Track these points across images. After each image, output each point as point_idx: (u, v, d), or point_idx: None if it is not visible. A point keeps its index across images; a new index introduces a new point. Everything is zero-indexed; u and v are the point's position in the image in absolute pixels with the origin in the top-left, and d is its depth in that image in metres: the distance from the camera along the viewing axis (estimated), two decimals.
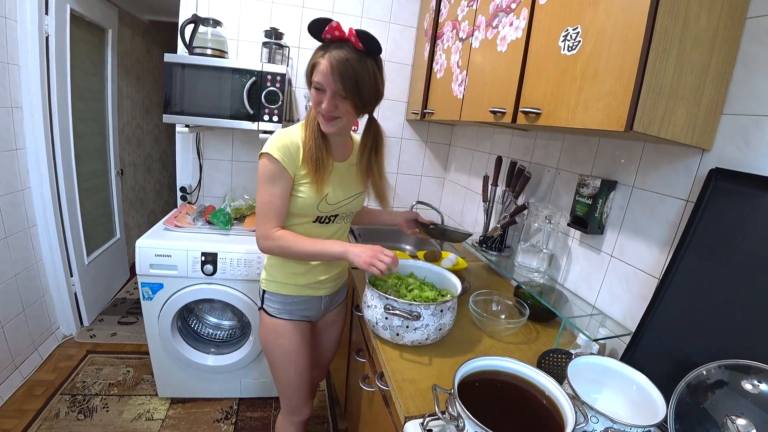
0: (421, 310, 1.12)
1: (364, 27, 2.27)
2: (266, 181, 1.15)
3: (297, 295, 1.32)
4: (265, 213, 1.17)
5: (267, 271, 1.33)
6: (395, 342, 1.18)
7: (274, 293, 1.32)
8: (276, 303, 1.32)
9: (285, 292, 1.31)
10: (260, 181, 1.16)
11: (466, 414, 0.70)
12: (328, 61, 1.02)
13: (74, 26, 2.39)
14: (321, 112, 1.09)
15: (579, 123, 0.95)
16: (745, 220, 0.90)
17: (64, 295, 2.47)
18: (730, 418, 0.77)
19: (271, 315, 1.32)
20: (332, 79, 1.03)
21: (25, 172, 2.16)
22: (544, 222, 1.50)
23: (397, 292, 1.25)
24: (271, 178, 1.14)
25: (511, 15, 1.26)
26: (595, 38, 0.92)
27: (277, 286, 1.31)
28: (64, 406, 1.99)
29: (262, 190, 1.16)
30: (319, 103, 1.08)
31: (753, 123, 0.91)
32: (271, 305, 1.32)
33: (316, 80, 1.06)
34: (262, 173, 1.15)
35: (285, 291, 1.31)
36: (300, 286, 1.32)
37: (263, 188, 1.16)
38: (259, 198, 1.17)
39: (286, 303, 1.32)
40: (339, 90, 1.04)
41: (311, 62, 1.06)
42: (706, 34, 0.87)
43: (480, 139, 2.20)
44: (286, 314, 1.32)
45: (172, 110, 1.79)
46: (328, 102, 1.06)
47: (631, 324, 1.17)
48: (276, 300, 1.32)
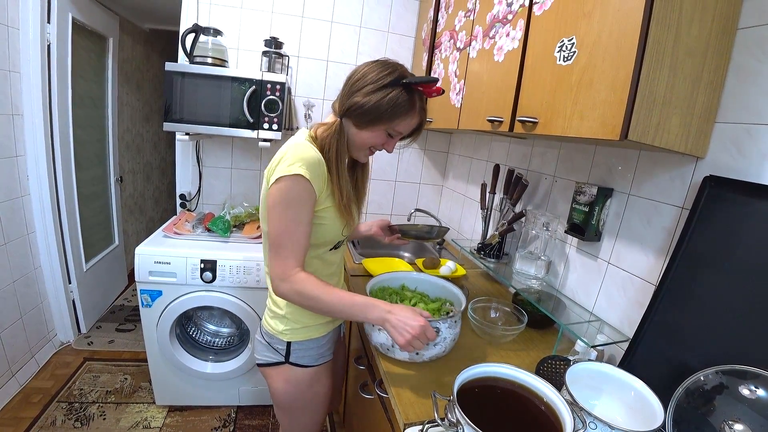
0: (440, 325, 1.08)
1: (362, 36, 2.31)
2: (288, 205, 0.95)
3: (326, 333, 1.19)
4: (284, 245, 0.97)
5: (288, 318, 1.12)
6: (414, 361, 1.11)
7: (303, 341, 1.13)
8: (311, 350, 1.15)
9: (316, 336, 1.15)
10: (278, 205, 0.95)
11: (465, 420, 0.71)
12: (420, 119, 1.05)
13: (76, 34, 2.41)
14: (378, 150, 1.08)
15: (575, 132, 0.96)
16: (739, 227, 0.92)
17: (62, 302, 2.46)
18: (728, 424, 0.78)
19: (306, 366, 1.15)
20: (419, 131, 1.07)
21: (25, 179, 2.17)
22: (541, 229, 1.51)
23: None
24: (296, 202, 0.95)
25: (508, 26, 1.28)
26: (590, 49, 0.94)
27: (308, 332, 1.13)
28: (60, 413, 1.98)
29: (280, 217, 0.96)
30: (382, 144, 1.05)
31: (745, 131, 0.93)
32: (303, 355, 1.14)
33: (398, 130, 1.02)
34: (284, 195, 0.95)
35: (315, 334, 1.15)
36: (326, 323, 1.17)
37: (283, 214, 0.96)
38: (279, 227, 0.97)
39: (318, 347, 1.16)
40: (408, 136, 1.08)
41: (392, 109, 0.97)
42: (698, 45, 0.89)
43: (478, 147, 2.22)
44: (323, 358, 1.18)
45: (172, 118, 1.80)
46: (394, 145, 1.08)
47: (628, 330, 1.18)
48: (307, 347, 1.14)
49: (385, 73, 0.97)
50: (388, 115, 0.98)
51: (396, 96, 0.96)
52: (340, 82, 2.43)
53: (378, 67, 0.98)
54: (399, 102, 0.97)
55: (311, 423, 1.25)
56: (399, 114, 0.99)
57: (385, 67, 0.98)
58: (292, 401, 1.18)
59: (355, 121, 1.00)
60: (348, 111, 0.99)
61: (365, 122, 0.99)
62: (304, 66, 2.28)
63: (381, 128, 1.00)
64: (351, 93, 0.99)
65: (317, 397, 1.21)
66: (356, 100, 0.97)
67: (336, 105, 1.04)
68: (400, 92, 0.97)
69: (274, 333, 1.13)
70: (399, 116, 0.99)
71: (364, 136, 1.02)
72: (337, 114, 1.03)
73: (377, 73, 0.97)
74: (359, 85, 0.98)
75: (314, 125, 1.09)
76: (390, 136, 1.04)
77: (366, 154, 1.09)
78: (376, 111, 0.97)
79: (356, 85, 0.98)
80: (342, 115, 1.01)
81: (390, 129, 1.01)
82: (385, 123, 0.99)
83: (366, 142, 1.04)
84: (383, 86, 0.96)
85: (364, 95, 0.96)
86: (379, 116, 0.98)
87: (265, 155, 2.36)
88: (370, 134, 1.01)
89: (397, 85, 0.97)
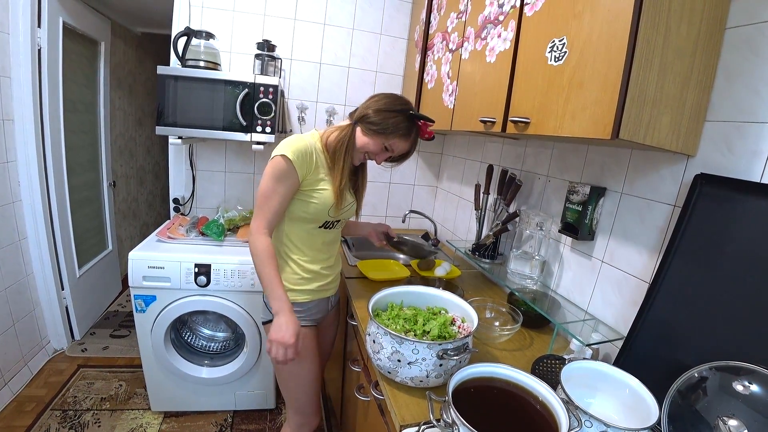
0: (469, 340, 1.06)
1: (355, 39, 2.32)
2: (273, 177, 1.20)
3: (310, 300, 1.36)
4: (260, 206, 1.22)
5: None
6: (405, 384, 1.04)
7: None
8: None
9: (301, 299, 1.34)
10: (266, 175, 1.21)
11: (460, 420, 0.71)
12: (410, 147, 1.32)
13: (67, 39, 2.39)
14: (370, 158, 1.33)
15: (567, 132, 0.97)
16: (730, 224, 0.93)
17: (54, 309, 2.44)
18: (722, 420, 0.78)
19: None
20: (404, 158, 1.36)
21: (17, 185, 2.15)
22: (535, 229, 1.51)
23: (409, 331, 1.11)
24: (279, 177, 1.20)
25: (499, 27, 1.28)
26: (580, 49, 0.94)
27: (291, 295, 1.31)
28: (54, 422, 1.96)
29: (266, 184, 1.21)
30: (376, 153, 1.29)
31: (735, 129, 0.94)
32: None
33: (392, 146, 1.27)
34: (272, 169, 1.20)
35: (300, 298, 1.33)
36: (312, 290, 1.35)
37: (268, 182, 1.21)
38: (261, 190, 1.22)
39: (302, 311, 1.34)
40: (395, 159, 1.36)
41: (393, 128, 1.23)
42: (687, 44, 0.90)
43: (471, 148, 2.22)
44: (304, 321, 1.34)
45: (165, 122, 1.79)
46: (383, 159, 1.34)
47: (623, 328, 1.18)
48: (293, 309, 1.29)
49: (397, 103, 1.25)
50: (389, 132, 1.24)
51: (400, 120, 1.24)
52: (333, 85, 2.45)
53: (394, 97, 1.27)
54: (400, 125, 1.24)
55: (299, 387, 1.39)
56: (397, 134, 1.24)
57: (398, 99, 1.27)
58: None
59: (364, 128, 1.26)
60: (361, 119, 1.25)
61: (371, 132, 1.25)
62: (297, 69, 2.28)
63: (380, 140, 1.25)
64: (367, 108, 1.25)
65: (304, 350, 1.31)
66: (370, 113, 1.24)
67: (354, 114, 1.30)
68: (404, 119, 1.24)
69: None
70: (397, 136, 1.25)
71: (366, 141, 1.26)
72: (352, 120, 1.28)
73: (391, 100, 1.25)
74: (375, 106, 1.24)
75: (331, 126, 1.37)
76: (384, 149, 1.28)
77: (360, 157, 1.33)
78: (382, 126, 1.23)
79: (372, 105, 1.25)
80: (356, 121, 1.27)
81: (386, 143, 1.26)
82: (384, 136, 1.25)
83: (365, 147, 1.28)
84: (394, 110, 1.23)
85: (376, 112, 1.23)
86: (383, 130, 1.24)
87: (258, 158, 2.35)
88: (371, 141, 1.26)
89: (403, 113, 1.24)
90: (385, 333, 1.01)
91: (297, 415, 1.44)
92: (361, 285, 1.68)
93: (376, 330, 1.04)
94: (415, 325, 1.11)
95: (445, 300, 1.25)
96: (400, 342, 0.99)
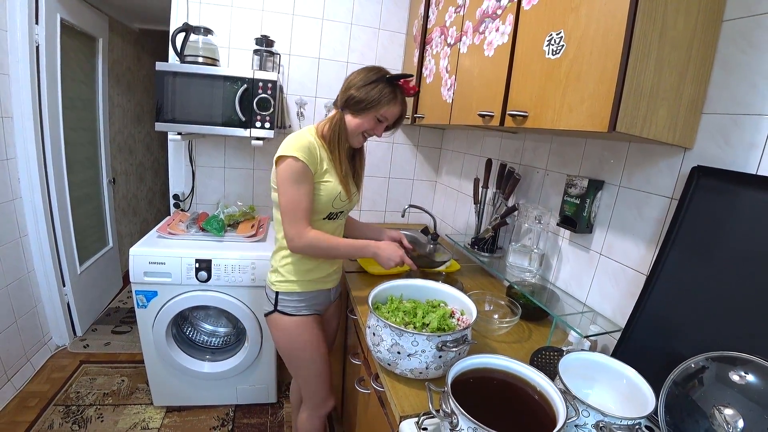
0: (468, 332, 1.06)
1: (354, 33, 2.31)
2: (292, 181, 1.20)
3: (311, 290, 1.39)
4: (294, 212, 1.22)
5: (279, 272, 1.36)
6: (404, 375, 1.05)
7: (289, 293, 1.35)
8: (293, 302, 1.36)
9: (301, 289, 1.36)
10: (285, 182, 1.20)
11: (459, 410, 0.72)
12: (401, 109, 1.30)
13: (65, 35, 2.39)
14: (369, 135, 1.31)
15: (564, 125, 0.97)
16: (727, 216, 0.93)
17: (56, 306, 2.45)
18: (718, 409, 0.79)
19: (290, 314, 1.36)
20: (400, 122, 1.34)
21: (16, 182, 2.15)
22: (534, 222, 1.52)
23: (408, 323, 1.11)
24: (297, 179, 1.20)
25: (497, 20, 1.28)
26: (577, 42, 0.94)
27: (292, 285, 1.35)
28: (58, 417, 1.97)
29: (288, 191, 1.21)
30: (373, 128, 1.29)
31: (732, 122, 0.94)
32: (288, 305, 1.36)
33: (384, 115, 1.26)
34: (287, 174, 1.20)
35: (301, 288, 1.36)
36: (312, 281, 1.38)
37: (290, 188, 1.20)
38: (286, 198, 1.21)
39: (302, 300, 1.37)
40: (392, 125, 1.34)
41: (379, 98, 1.23)
42: (684, 37, 0.90)
43: (470, 142, 2.22)
44: (305, 310, 1.38)
45: (164, 118, 1.80)
46: (382, 131, 1.32)
47: (621, 320, 1.19)
48: (292, 299, 1.36)
49: (372, 73, 1.25)
50: (376, 103, 1.23)
51: (382, 88, 1.23)
52: (331, 80, 2.44)
53: (366, 70, 1.26)
54: (384, 92, 1.23)
55: (310, 371, 1.44)
56: (384, 102, 1.24)
57: (371, 69, 1.26)
58: (288, 348, 1.41)
59: (352, 110, 1.26)
60: (346, 103, 1.26)
61: (359, 110, 1.25)
62: (295, 64, 2.28)
63: (371, 114, 1.25)
64: (347, 89, 1.25)
65: (309, 345, 1.40)
66: (352, 93, 1.24)
67: (337, 101, 1.30)
68: (384, 86, 1.24)
69: (269, 284, 1.40)
70: (385, 104, 1.24)
71: (358, 122, 1.26)
72: (337, 107, 1.29)
73: (366, 73, 1.25)
74: (354, 83, 1.24)
75: (323, 120, 1.35)
76: (379, 122, 1.28)
77: (360, 139, 1.32)
78: (367, 100, 1.23)
79: (351, 83, 1.25)
80: (342, 107, 1.27)
81: (378, 115, 1.26)
82: (374, 110, 1.24)
83: (360, 127, 1.27)
84: (372, 81, 1.23)
85: (357, 89, 1.23)
86: (369, 104, 1.23)
87: (258, 154, 2.35)
88: (363, 120, 1.26)
89: (382, 81, 1.24)
90: (384, 325, 1.02)
91: (314, 402, 1.49)
92: (360, 279, 1.70)
93: (375, 323, 1.05)
94: (414, 318, 1.12)
95: (445, 293, 1.26)
96: (399, 334, 0.99)
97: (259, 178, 2.40)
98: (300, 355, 1.41)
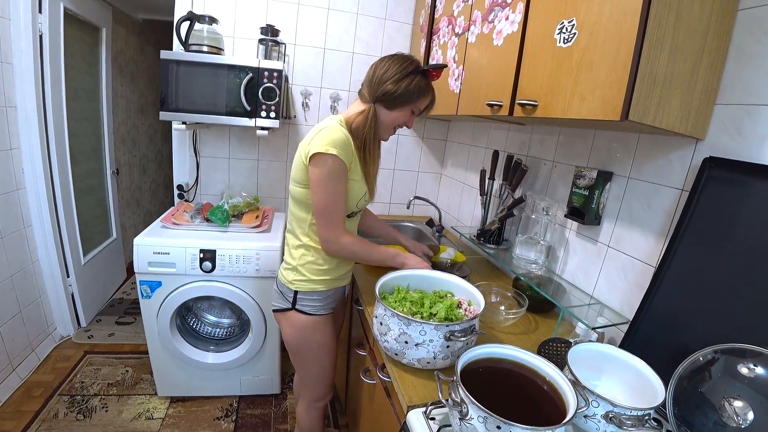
0: (476, 322, 1.06)
1: (360, 24, 2.29)
2: (331, 180, 1.15)
3: (329, 289, 1.36)
4: (331, 213, 1.19)
5: (298, 271, 1.32)
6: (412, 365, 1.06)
7: (309, 292, 1.33)
8: (313, 301, 1.34)
9: (321, 288, 1.34)
10: (322, 181, 1.15)
11: (469, 398, 0.72)
12: (432, 97, 1.26)
13: (68, 25, 2.37)
14: (400, 127, 1.28)
15: (575, 113, 0.96)
16: (738, 208, 0.92)
17: (60, 296, 2.46)
18: (728, 401, 0.79)
19: (308, 313, 1.34)
20: (429, 108, 1.29)
21: (20, 172, 2.15)
22: (541, 214, 1.51)
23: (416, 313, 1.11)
24: (335, 178, 1.16)
25: (507, 9, 1.27)
26: (590, 30, 0.93)
27: (312, 284, 1.32)
28: (62, 406, 1.98)
29: (325, 190, 1.16)
30: (407, 121, 1.26)
31: (745, 112, 0.93)
32: (307, 304, 1.33)
33: (419, 107, 1.24)
34: (325, 173, 1.14)
35: (320, 287, 1.33)
36: (331, 280, 1.36)
37: (326, 188, 1.16)
38: (322, 197, 1.16)
39: (322, 299, 1.35)
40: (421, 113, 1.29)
41: (416, 90, 1.18)
42: (699, 25, 0.88)
43: (476, 134, 2.21)
44: (323, 309, 1.37)
45: (168, 107, 1.79)
46: (413, 121, 1.29)
47: (628, 313, 1.19)
48: (312, 298, 1.33)
49: (407, 64, 1.18)
50: (415, 97, 1.20)
51: (419, 80, 1.18)
52: (337, 71, 2.42)
53: (399, 60, 1.19)
54: (421, 85, 1.19)
55: (318, 370, 1.44)
56: (422, 94, 1.21)
57: (405, 59, 1.19)
58: (298, 345, 1.39)
59: (387, 104, 1.20)
60: (380, 97, 1.19)
61: (396, 105, 1.20)
62: (300, 54, 2.26)
63: (408, 108, 1.22)
64: (381, 82, 1.18)
65: (320, 345, 1.39)
66: (388, 88, 1.17)
67: (366, 93, 1.22)
68: (420, 77, 1.19)
69: (285, 282, 1.34)
70: (422, 96, 1.21)
71: (394, 116, 1.22)
72: (368, 101, 1.22)
73: (400, 65, 1.18)
74: (388, 76, 1.17)
75: (345, 112, 1.27)
76: (413, 114, 1.25)
77: (391, 133, 1.29)
78: (406, 94, 1.18)
79: (385, 76, 1.17)
80: (374, 101, 1.20)
81: (414, 107, 1.23)
82: (412, 103, 1.21)
83: (395, 121, 1.24)
84: (408, 74, 1.17)
85: (394, 83, 1.16)
86: (408, 98, 1.19)
87: (263, 144, 2.34)
88: (399, 114, 1.22)
89: (417, 72, 1.18)
90: (392, 315, 1.01)
91: (314, 395, 1.50)
92: (366, 270, 1.69)
93: (383, 312, 1.05)
94: (421, 308, 1.11)
95: (452, 283, 1.26)
96: (407, 324, 0.99)
97: (264, 169, 2.39)
98: (308, 353, 1.40)
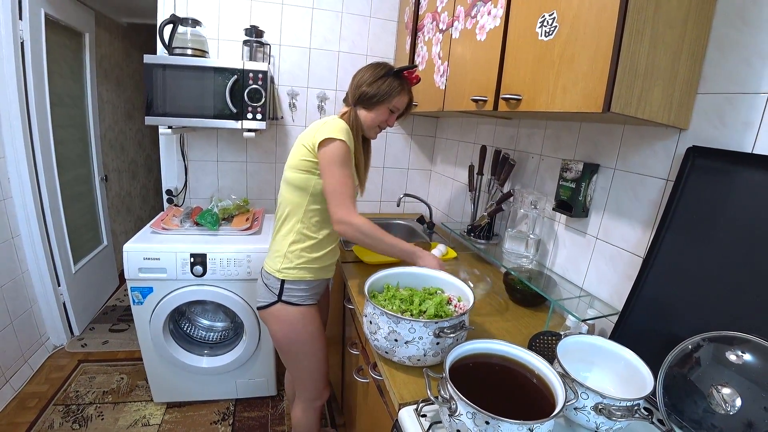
0: (465, 317, 1.06)
1: (344, 22, 2.28)
2: (341, 163, 1.21)
3: (315, 279, 1.38)
4: (343, 193, 1.22)
5: (287, 257, 1.32)
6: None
7: (296, 281, 1.33)
8: (299, 291, 1.34)
9: (308, 277, 1.35)
10: (333, 164, 1.21)
11: (457, 395, 0.72)
12: (409, 97, 1.40)
13: (50, 31, 2.34)
14: (383, 126, 1.39)
15: (558, 107, 0.96)
16: (723, 196, 0.93)
17: (52, 306, 2.43)
18: (716, 388, 0.79)
19: (295, 304, 1.34)
20: (409, 109, 1.43)
21: (6, 181, 2.12)
22: (530, 208, 1.51)
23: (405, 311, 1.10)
24: (344, 161, 1.22)
25: (489, 4, 1.26)
26: (570, 23, 0.93)
27: (299, 273, 1.33)
28: (58, 416, 1.97)
29: (337, 173, 1.21)
30: (386, 119, 1.37)
31: (727, 101, 0.93)
32: (294, 294, 1.34)
33: (396, 106, 1.35)
34: (336, 156, 1.21)
35: (308, 276, 1.35)
36: (318, 269, 1.37)
37: (339, 170, 1.21)
38: (335, 180, 1.21)
39: (308, 289, 1.37)
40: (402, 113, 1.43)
41: (389, 90, 1.31)
42: (679, 15, 0.89)
43: (465, 130, 2.21)
44: (310, 300, 1.38)
45: (154, 112, 1.77)
46: (395, 120, 1.41)
47: (618, 303, 1.19)
48: (299, 287, 1.34)
49: (379, 69, 1.33)
50: (388, 95, 1.32)
51: (391, 81, 1.31)
52: (323, 70, 2.41)
53: (373, 66, 1.34)
54: (393, 85, 1.32)
55: (311, 364, 1.44)
56: (395, 93, 1.32)
57: (378, 65, 1.34)
58: (290, 341, 1.39)
59: (365, 105, 1.33)
60: (359, 99, 1.32)
61: (372, 104, 1.32)
62: (286, 54, 2.25)
63: (384, 107, 1.33)
64: (359, 86, 1.32)
65: (312, 336, 1.40)
66: (364, 90, 1.31)
67: (348, 98, 1.37)
68: (393, 79, 1.32)
69: (271, 272, 1.35)
70: (395, 95, 1.33)
71: (373, 116, 1.34)
72: (350, 104, 1.36)
73: (373, 70, 1.33)
74: (364, 80, 1.31)
75: (338, 113, 1.39)
76: (391, 112, 1.36)
77: (376, 131, 1.40)
78: (380, 94, 1.31)
79: (361, 81, 1.32)
80: (354, 104, 1.34)
81: (391, 106, 1.34)
82: (386, 102, 1.32)
83: (376, 120, 1.35)
84: (381, 76, 1.31)
85: (368, 85, 1.31)
86: (381, 97, 1.31)
87: (251, 146, 2.33)
88: (377, 113, 1.34)
89: (390, 74, 1.32)
90: (381, 313, 1.01)
91: (310, 394, 1.49)
92: (356, 269, 1.69)
93: (372, 311, 1.04)
94: (411, 305, 1.11)
95: (441, 280, 1.25)
96: (396, 321, 0.99)
97: (252, 171, 2.38)
98: (301, 348, 1.40)
